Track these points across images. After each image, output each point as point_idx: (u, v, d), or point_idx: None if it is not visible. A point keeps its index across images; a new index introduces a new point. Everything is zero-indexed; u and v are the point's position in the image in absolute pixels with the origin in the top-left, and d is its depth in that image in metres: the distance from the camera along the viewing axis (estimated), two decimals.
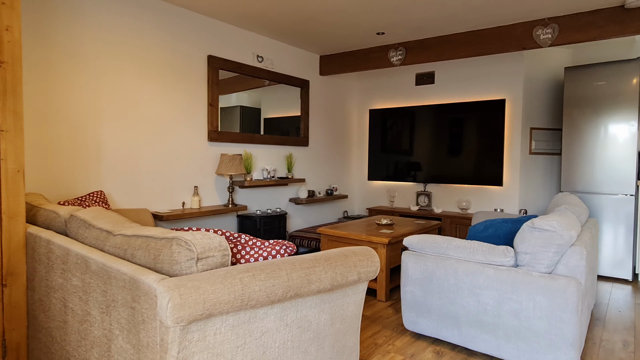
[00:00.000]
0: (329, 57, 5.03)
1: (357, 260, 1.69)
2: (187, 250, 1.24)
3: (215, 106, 3.81)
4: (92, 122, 2.96)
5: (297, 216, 4.84)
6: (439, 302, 2.38)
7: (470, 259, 2.30)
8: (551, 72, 4.66)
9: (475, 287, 2.24)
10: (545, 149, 4.66)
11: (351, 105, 5.73)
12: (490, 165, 4.66)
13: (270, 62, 4.39)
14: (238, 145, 4.09)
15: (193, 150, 3.66)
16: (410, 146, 5.25)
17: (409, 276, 2.51)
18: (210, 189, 3.82)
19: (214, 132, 3.80)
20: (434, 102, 5.14)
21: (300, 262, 1.44)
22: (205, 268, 1.27)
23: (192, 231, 1.35)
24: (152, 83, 3.32)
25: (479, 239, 2.52)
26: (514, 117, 4.61)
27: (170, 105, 3.46)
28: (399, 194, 5.47)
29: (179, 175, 3.54)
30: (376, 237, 3.21)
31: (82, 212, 1.78)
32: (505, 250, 2.22)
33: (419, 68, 5.26)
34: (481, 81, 4.78)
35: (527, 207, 4.64)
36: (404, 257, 2.53)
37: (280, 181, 4.31)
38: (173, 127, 3.49)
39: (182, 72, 3.54)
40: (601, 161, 3.93)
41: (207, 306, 1.09)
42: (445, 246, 2.40)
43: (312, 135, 5.03)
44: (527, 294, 2.08)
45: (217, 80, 3.81)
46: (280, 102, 4.58)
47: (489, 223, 2.50)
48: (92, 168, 2.96)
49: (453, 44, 4.17)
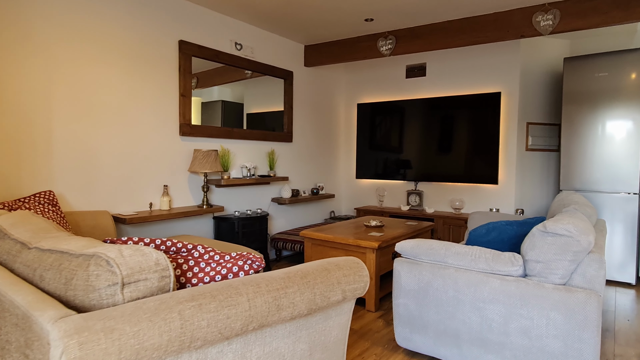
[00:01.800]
0: (315, 46, 4.71)
1: (341, 276, 1.38)
2: (108, 272, 0.91)
3: (188, 97, 3.46)
4: (43, 113, 2.59)
5: (280, 217, 4.51)
6: (437, 317, 2.09)
7: (472, 267, 2.01)
8: (548, 63, 4.42)
9: (478, 301, 1.95)
10: (543, 145, 4.42)
11: (338, 99, 5.42)
12: (484, 163, 4.40)
13: (250, 51, 4.05)
14: (214, 141, 3.74)
15: (163, 146, 3.31)
16: (400, 142, 4.96)
17: (402, 287, 2.21)
18: (183, 188, 3.47)
19: (186, 126, 3.45)
20: (426, 95, 4.86)
21: (267, 283, 1.13)
22: (136, 296, 0.94)
23: (124, 245, 1.02)
24: (115, 71, 2.96)
25: (481, 244, 2.23)
26: (509, 111, 4.36)
27: (136, 95, 3.11)
28: (389, 193, 5.19)
29: (146, 173, 3.19)
30: (365, 241, 2.91)
31: (1, 217, 1.43)
32: (512, 257, 1.94)
33: (409, 60, 4.97)
34: (475, 73, 4.52)
35: (523, 207, 4.39)
36: (397, 266, 2.23)
37: (262, 179, 3.98)
38: (139, 120, 3.13)
39: (150, 59, 3.19)
40: (602, 158, 3.69)
41: (124, 357, 0.77)
42: (443, 253, 2.11)
43: (296, 131, 4.71)
44: (540, 309, 1.80)
45: (189, 68, 3.46)
46: (264, 97, 4.25)
47: (492, 226, 2.22)
48: (41, 165, 2.59)
49: (446, 32, 3.89)
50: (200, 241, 2.97)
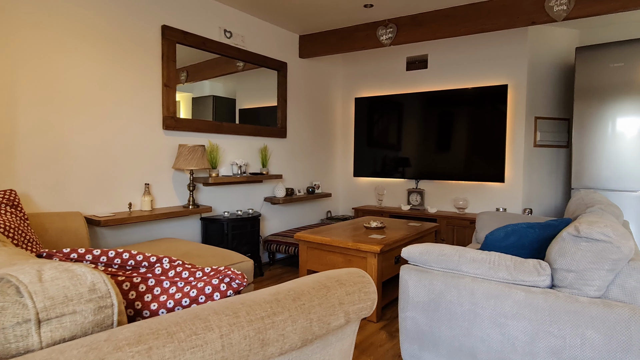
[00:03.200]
0: (310, 36, 4.43)
1: (343, 295, 1.11)
2: (16, 304, 0.64)
3: (172, 87, 3.18)
4: (4, 102, 2.30)
5: (273, 218, 4.24)
6: (450, 333, 1.83)
7: (491, 277, 1.76)
8: (557, 55, 4.18)
9: (499, 315, 1.70)
10: (551, 140, 4.17)
11: (335, 93, 5.15)
12: (490, 160, 4.15)
13: (240, 39, 3.77)
14: (202, 135, 3.46)
15: (144, 140, 3.02)
16: (400, 138, 4.71)
17: (409, 298, 1.95)
18: (166, 187, 3.19)
19: (170, 119, 3.17)
20: (427, 89, 4.60)
21: (249, 310, 0.86)
22: (60, 336, 0.67)
23: (50, 262, 0.75)
24: (90, 58, 2.68)
25: (498, 249, 1.98)
26: (517, 105, 4.11)
27: (114, 84, 2.82)
28: (388, 192, 4.93)
29: (125, 170, 2.91)
30: (365, 245, 2.64)
31: None
32: (537, 266, 1.68)
33: (410, 51, 4.71)
34: (480, 65, 4.27)
35: (531, 206, 4.15)
36: (404, 274, 1.97)
37: (253, 177, 3.70)
38: (117, 111, 2.85)
39: (129, 45, 2.90)
40: (618, 153, 3.45)
41: None
42: (456, 260, 1.85)
43: (290, 126, 4.44)
44: (573, 327, 1.54)
45: (173, 56, 3.17)
46: (257, 92, 3.98)
47: (511, 229, 1.96)
48: (1, 160, 2.30)
49: (451, 20, 3.63)
50: (185, 245, 2.70)
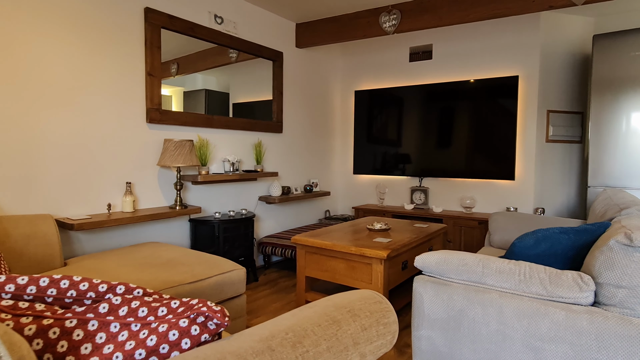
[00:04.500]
0: (307, 24, 4.15)
1: (358, 331, 0.85)
2: None
3: (157, 77, 2.90)
4: None
5: (269, 218, 3.97)
6: (473, 357, 1.58)
7: (523, 291, 1.50)
8: (571, 44, 3.92)
9: (533, 338, 1.44)
10: (564, 135, 3.93)
11: (334, 85, 4.88)
12: (499, 156, 3.90)
13: (232, 26, 3.48)
14: (191, 130, 3.18)
15: (125, 135, 2.74)
16: (403, 133, 4.44)
17: (424, 315, 1.69)
18: (151, 185, 2.91)
19: (155, 111, 2.89)
20: (432, 81, 4.34)
21: None
22: None
23: None
24: (63, 44, 2.39)
25: (528, 257, 1.72)
26: (528, 98, 3.86)
27: (91, 74, 2.54)
28: (390, 190, 4.67)
29: (104, 168, 2.63)
30: (370, 250, 2.39)
31: None
32: (578, 279, 1.43)
33: (413, 41, 4.45)
34: (489, 55, 4.01)
35: (543, 205, 3.91)
36: (418, 287, 1.71)
37: (247, 175, 3.43)
38: (95, 103, 2.56)
39: (108, 30, 2.61)
40: (638, 149, 3.21)
41: None
42: (480, 271, 1.60)
43: (287, 120, 4.16)
44: (627, 355, 1.29)
45: (158, 42, 2.89)
46: (251, 86, 3.71)
47: (541, 234, 1.71)
48: None
49: (459, 4, 3.37)
50: (170, 251, 2.43)
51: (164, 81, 3.00)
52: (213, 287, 2.04)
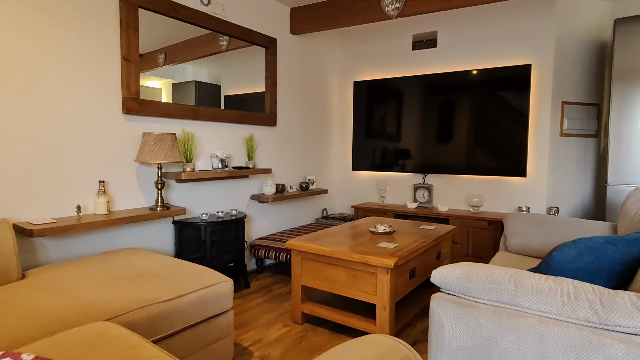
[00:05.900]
0: (304, 9, 3.84)
1: None
2: None
3: (134, 62, 2.58)
4: None
5: (262, 218, 3.68)
6: None
7: (567, 317, 1.22)
8: (587, 30, 3.64)
9: None
10: (580, 129, 3.66)
11: (331, 75, 4.57)
12: (509, 151, 3.62)
13: (220, 8, 3.17)
14: (174, 122, 2.88)
15: (98, 127, 2.43)
16: (404, 127, 4.16)
17: (445, 342, 1.41)
18: (128, 184, 2.61)
19: (132, 101, 2.58)
20: (437, 70, 4.05)
21: None
22: None
23: None
24: (25, 24, 2.07)
25: (568, 273, 1.44)
26: (541, 88, 3.58)
27: (58, 58, 2.22)
28: (392, 188, 4.39)
29: (73, 165, 2.32)
30: (375, 257, 2.10)
31: None
32: (638, 303, 1.15)
33: (417, 27, 4.15)
34: (499, 43, 3.72)
35: (557, 204, 3.64)
36: (436, 308, 1.43)
37: (237, 172, 3.13)
38: (62, 92, 2.25)
39: (78, 8, 2.30)
40: None
41: None
42: (512, 289, 1.32)
43: (281, 112, 3.86)
44: None
45: (135, 23, 2.57)
46: (244, 77, 3.41)
47: (584, 245, 1.43)
48: None
49: None
50: (146, 259, 2.13)
51: (152, 72, 2.70)
52: (194, 304, 1.75)
